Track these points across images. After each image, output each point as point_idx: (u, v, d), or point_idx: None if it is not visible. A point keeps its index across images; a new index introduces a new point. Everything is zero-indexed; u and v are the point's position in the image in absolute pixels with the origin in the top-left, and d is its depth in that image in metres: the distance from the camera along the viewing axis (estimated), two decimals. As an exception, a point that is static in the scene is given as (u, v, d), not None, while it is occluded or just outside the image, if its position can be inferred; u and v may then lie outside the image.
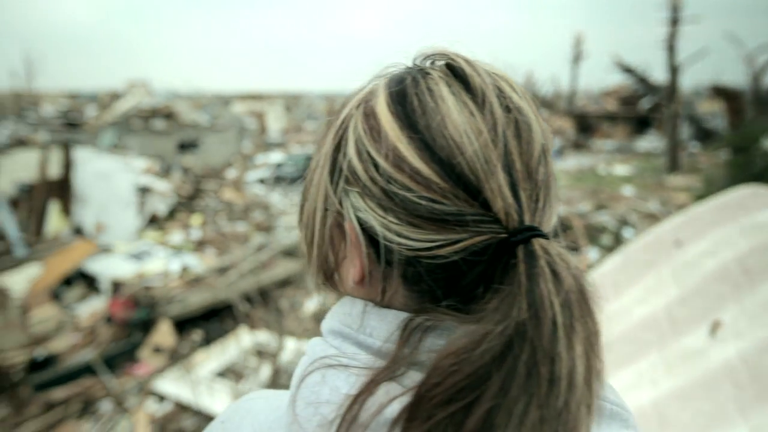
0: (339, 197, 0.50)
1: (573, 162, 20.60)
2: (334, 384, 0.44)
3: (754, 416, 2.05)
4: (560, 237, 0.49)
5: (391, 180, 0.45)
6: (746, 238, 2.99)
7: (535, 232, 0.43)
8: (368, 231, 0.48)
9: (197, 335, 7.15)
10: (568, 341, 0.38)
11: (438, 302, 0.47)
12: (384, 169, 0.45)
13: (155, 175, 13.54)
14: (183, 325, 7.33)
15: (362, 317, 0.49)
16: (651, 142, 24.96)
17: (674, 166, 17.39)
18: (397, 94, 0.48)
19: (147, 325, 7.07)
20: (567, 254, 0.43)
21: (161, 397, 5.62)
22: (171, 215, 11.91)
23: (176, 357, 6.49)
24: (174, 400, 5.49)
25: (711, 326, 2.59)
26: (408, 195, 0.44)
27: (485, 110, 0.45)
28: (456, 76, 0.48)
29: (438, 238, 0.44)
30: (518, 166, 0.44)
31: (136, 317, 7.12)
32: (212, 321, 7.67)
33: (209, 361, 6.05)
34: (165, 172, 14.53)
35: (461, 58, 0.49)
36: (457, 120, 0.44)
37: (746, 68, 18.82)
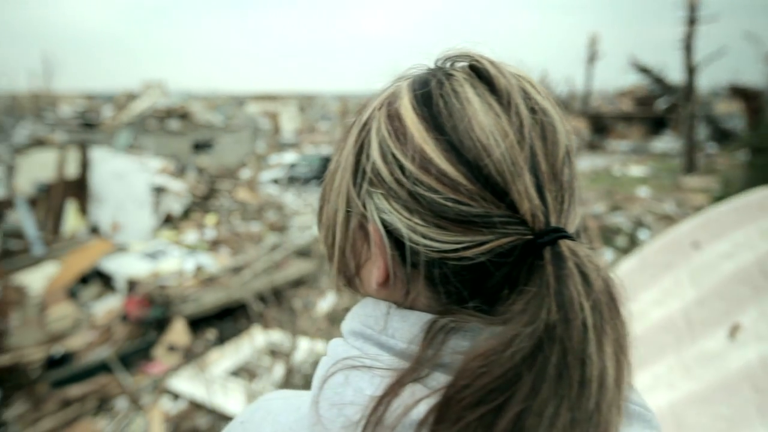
0: (362, 199, 0.50)
1: (588, 163, 20.42)
2: (358, 385, 0.44)
3: (775, 421, 2.01)
4: (583, 238, 0.49)
5: (418, 182, 0.45)
6: (766, 240, 2.94)
7: (562, 234, 0.43)
8: (393, 233, 0.48)
9: (211, 334, 7.20)
10: (599, 343, 0.38)
11: (462, 304, 0.47)
12: (410, 171, 0.45)
13: (170, 175, 13.66)
14: (197, 324, 7.39)
15: (385, 319, 0.49)
16: (667, 143, 24.70)
17: (691, 167, 17.18)
18: (422, 96, 0.48)
19: (162, 324, 7.14)
20: (595, 256, 0.43)
21: (175, 396, 5.66)
22: (186, 215, 12.01)
23: (190, 356, 6.54)
24: (188, 399, 5.53)
25: (730, 329, 2.56)
26: (434, 197, 0.44)
27: (511, 112, 0.45)
28: (480, 78, 0.48)
29: (464, 240, 0.44)
30: (544, 168, 0.44)
31: (151, 316, 7.19)
32: (226, 320, 7.72)
33: (223, 360, 6.09)
34: (180, 172, 14.65)
35: (485, 60, 0.49)
36: (484, 122, 0.44)
37: (765, 68, 18.54)
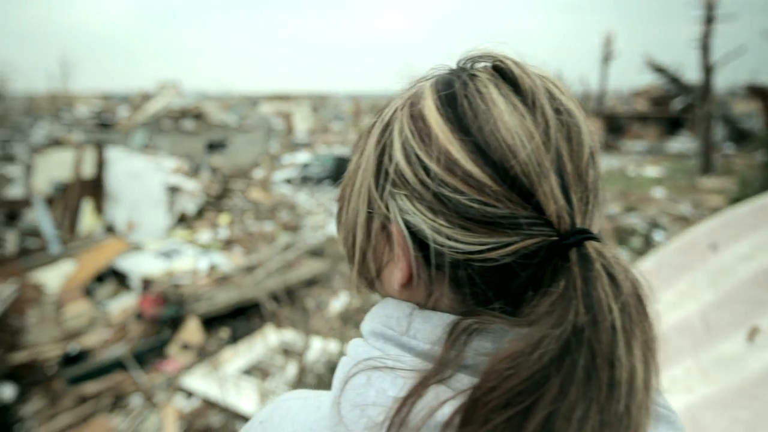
0: (385, 200, 0.49)
1: (602, 163, 20.12)
2: (381, 386, 0.44)
3: (795, 426, 1.98)
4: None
5: (443, 183, 0.44)
6: (786, 242, 2.89)
7: (588, 235, 0.43)
8: (416, 234, 0.47)
9: (224, 333, 7.24)
10: (628, 345, 0.38)
11: (486, 305, 0.47)
12: (434, 172, 0.45)
13: (184, 175, 13.77)
14: (210, 323, 7.44)
15: (408, 320, 0.49)
16: (683, 144, 24.43)
17: (707, 168, 16.97)
18: (447, 97, 0.47)
19: (176, 322, 7.19)
20: (622, 257, 0.43)
21: (189, 394, 5.71)
22: (199, 214, 12.10)
23: (204, 354, 6.58)
24: (201, 397, 5.57)
25: (749, 332, 2.52)
26: (460, 198, 0.44)
27: (536, 113, 0.45)
28: (505, 78, 0.48)
29: (489, 241, 0.44)
30: (569, 169, 0.44)
31: (165, 314, 7.25)
32: (239, 319, 7.76)
33: (236, 359, 6.12)
34: (194, 172, 14.76)
35: (510, 60, 0.48)
36: (509, 123, 0.44)
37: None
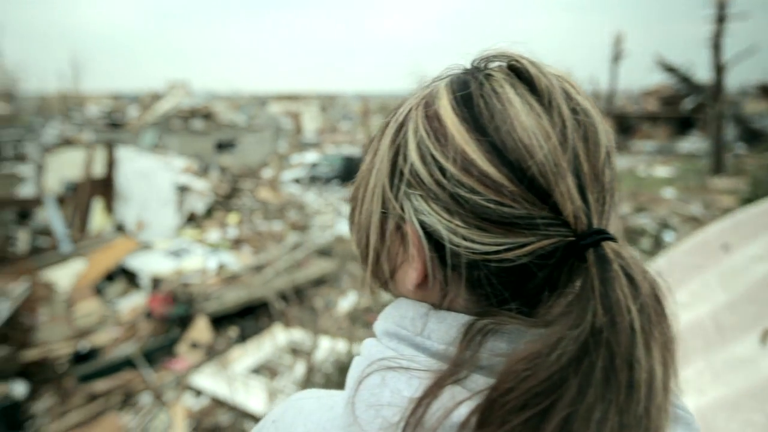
0: (400, 201, 0.49)
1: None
2: (395, 386, 0.44)
3: (809, 430, 1.96)
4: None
5: (459, 184, 0.44)
6: (799, 243, 2.86)
7: (605, 236, 0.42)
8: (432, 234, 0.47)
9: (233, 332, 7.27)
10: (647, 347, 0.38)
11: (500, 306, 0.47)
12: (451, 173, 0.44)
13: (194, 175, 13.84)
14: (219, 322, 7.47)
15: (423, 320, 0.49)
16: (694, 144, 24.24)
17: (718, 168, 16.82)
18: (462, 97, 0.47)
19: (185, 321, 7.23)
20: (639, 258, 0.42)
21: (198, 392, 5.73)
22: (208, 214, 12.15)
23: (213, 353, 6.61)
24: (210, 395, 5.59)
25: (761, 334, 2.49)
26: (476, 198, 0.43)
27: (553, 113, 0.44)
28: (521, 78, 0.47)
29: (506, 242, 0.44)
30: (586, 169, 0.44)
31: (175, 313, 7.28)
32: (248, 318, 7.79)
33: (245, 358, 6.14)
34: (203, 172, 14.83)
35: (525, 60, 0.48)
36: (526, 123, 0.44)
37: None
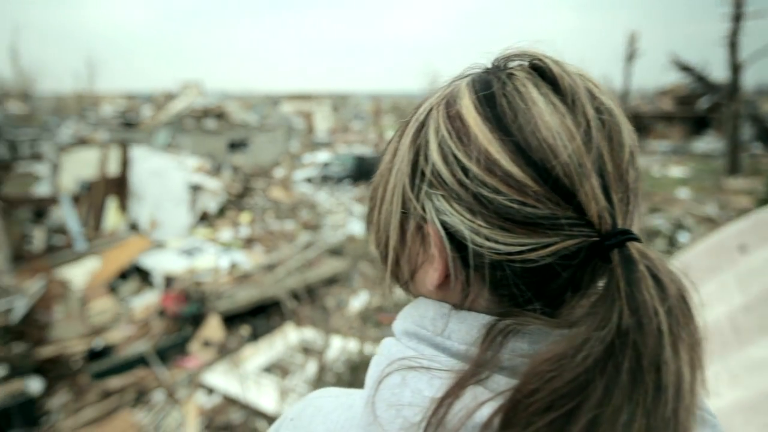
0: (421, 201, 0.49)
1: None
2: (416, 386, 0.43)
3: (829, 434, 1.92)
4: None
5: (482, 184, 0.44)
6: (819, 245, 2.82)
7: (630, 236, 0.42)
8: (454, 235, 0.47)
9: (245, 331, 7.31)
10: (674, 348, 0.37)
11: (522, 306, 0.46)
12: (474, 173, 0.44)
13: (206, 174, 13.93)
14: (231, 321, 7.52)
15: (444, 320, 0.48)
16: (709, 144, 23.99)
17: (734, 168, 16.63)
18: (485, 96, 0.46)
19: (197, 320, 7.28)
20: (665, 259, 0.41)
21: (210, 390, 5.77)
22: (221, 213, 12.23)
23: (225, 351, 6.65)
24: (222, 394, 5.62)
25: (780, 337, 2.45)
26: (500, 199, 0.43)
27: (577, 112, 0.44)
28: (543, 77, 0.47)
29: (529, 242, 0.43)
30: (610, 169, 0.43)
31: (187, 311, 7.33)
32: (259, 317, 7.83)
33: (256, 357, 6.17)
34: (216, 171, 14.92)
35: (549, 59, 0.47)
36: (550, 122, 0.43)
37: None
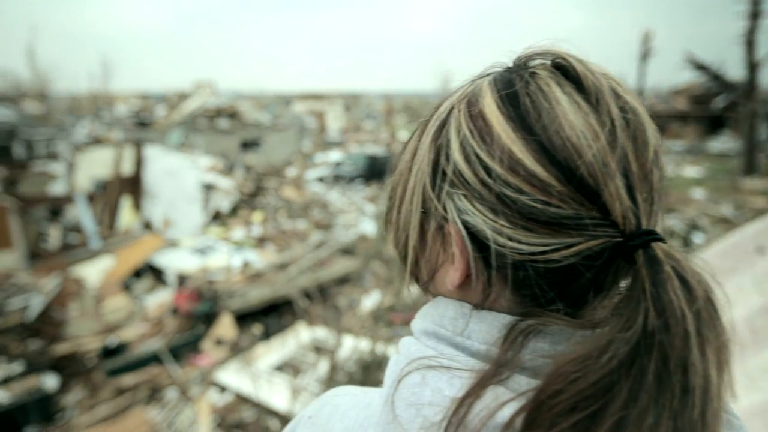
0: (442, 201, 0.48)
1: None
2: (436, 386, 0.43)
3: None
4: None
5: (505, 183, 0.43)
6: (839, 246, 2.77)
7: (655, 236, 0.41)
8: (475, 235, 0.46)
9: (257, 329, 7.35)
10: (702, 350, 0.36)
11: (544, 307, 0.46)
12: (496, 173, 0.43)
13: (219, 173, 14.02)
14: (243, 319, 7.56)
15: (465, 320, 0.48)
16: (725, 143, 23.72)
17: (751, 168, 16.42)
18: (508, 95, 0.46)
19: (210, 318, 7.33)
20: (691, 259, 0.41)
21: (222, 388, 5.80)
22: (233, 212, 12.30)
23: (237, 350, 6.69)
24: (234, 392, 5.65)
25: (798, 340, 2.42)
26: (523, 198, 0.42)
27: (601, 111, 0.43)
28: (567, 76, 0.46)
29: (552, 242, 0.43)
30: (634, 169, 0.43)
31: (200, 310, 7.39)
32: (271, 316, 7.86)
33: (268, 355, 6.19)
34: (228, 170, 15.02)
35: (573, 58, 0.47)
36: (574, 122, 0.42)
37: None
